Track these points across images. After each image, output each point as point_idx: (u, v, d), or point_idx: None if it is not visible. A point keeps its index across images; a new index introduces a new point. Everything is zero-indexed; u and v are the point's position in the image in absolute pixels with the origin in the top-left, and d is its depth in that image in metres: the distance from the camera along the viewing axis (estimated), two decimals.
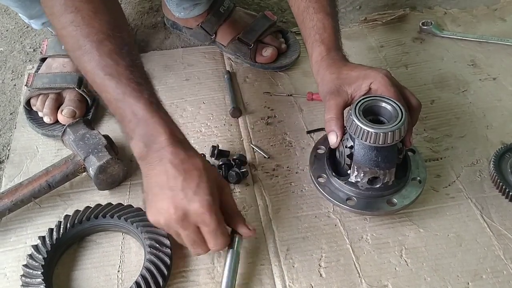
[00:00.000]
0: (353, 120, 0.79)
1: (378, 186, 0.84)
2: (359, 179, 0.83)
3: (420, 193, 0.87)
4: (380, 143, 0.78)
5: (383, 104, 0.81)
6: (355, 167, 0.81)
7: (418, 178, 0.88)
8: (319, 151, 0.94)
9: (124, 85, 0.73)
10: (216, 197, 0.73)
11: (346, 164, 0.85)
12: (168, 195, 0.71)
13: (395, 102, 0.80)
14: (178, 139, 0.74)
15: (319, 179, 0.89)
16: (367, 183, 0.83)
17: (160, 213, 0.72)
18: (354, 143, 0.81)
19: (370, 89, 0.84)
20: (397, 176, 0.85)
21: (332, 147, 0.86)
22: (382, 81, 0.83)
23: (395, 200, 0.86)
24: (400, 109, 0.79)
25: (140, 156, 0.75)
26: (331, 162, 0.90)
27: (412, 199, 0.86)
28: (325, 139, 0.91)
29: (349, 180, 0.84)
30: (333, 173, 0.87)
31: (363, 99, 0.81)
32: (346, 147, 0.83)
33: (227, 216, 0.77)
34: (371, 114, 0.82)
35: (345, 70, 0.86)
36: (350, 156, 0.82)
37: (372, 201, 0.86)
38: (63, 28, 0.77)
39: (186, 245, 0.76)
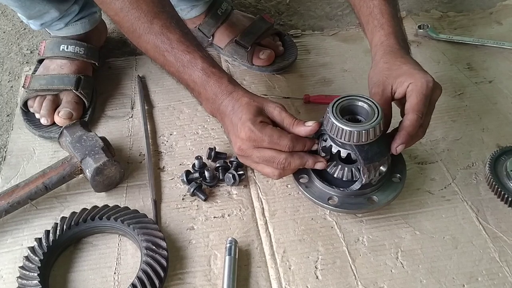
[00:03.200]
0: (330, 119, 0.78)
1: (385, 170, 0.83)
2: (373, 177, 0.81)
3: (401, 190, 0.87)
4: (354, 141, 0.77)
5: (360, 103, 0.81)
6: (366, 168, 0.79)
7: (398, 175, 0.88)
8: None
9: (180, 58, 0.84)
10: (259, 119, 0.80)
11: (356, 170, 0.84)
12: (232, 135, 0.83)
13: (371, 101, 0.80)
14: (229, 92, 0.83)
15: (300, 180, 0.88)
16: (378, 176, 0.83)
17: (237, 152, 0.84)
18: (356, 149, 0.79)
19: (406, 92, 0.82)
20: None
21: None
22: (419, 86, 0.80)
23: (375, 198, 0.85)
24: (377, 107, 0.79)
25: (212, 114, 0.88)
26: None
27: (392, 196, 0.86)
28: None
29: (362, 184, 0.82)
30: (318, 177, 0.86)
31: (340, 98, 0.81)
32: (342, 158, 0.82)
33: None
34: (348, 113, 0.82)
35: (398, 62, 0.85)
36: (353, 161, 0.82)
37: (353, 200, 0.85)
38: (115, 14, 0.86)
39: (269, 173, 0.83)
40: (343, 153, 0.80)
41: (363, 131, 0.77)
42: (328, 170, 0.86)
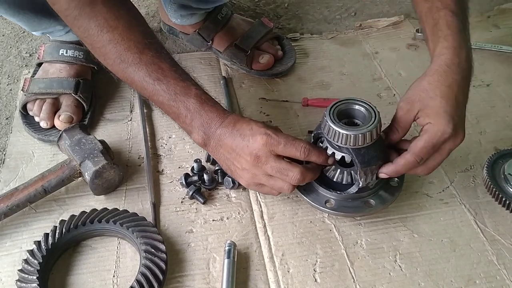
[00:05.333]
0: (327, 123, 0.79)
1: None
2: (369, 180, 0.82)
3: (399, 194, 0.87)
4: (351, 144, 0.78)
5: (357, 107, 0.82)
6: (362, 172, 0.80)
7: (396, 179, 0.88)
8: None
9: (173, 86, 0.81)
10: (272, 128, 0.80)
11: (350, 174, 0.84)
12: (237, 155, 0.80)
13: (368, 104, 0.81)
14: (226, 116, 0.82)
15: None
16: (375, 179, 0.83)
17: (243, 172, 0.81)
18: (352, 153, 0.79)
19: (423, 126, 0.79)
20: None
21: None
22: (433, 133, 0.77)
23: (372, 201, 0.86)
24: (374, 111, 0.80)
25: (204, 143, 0.83)
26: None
27: (389, 200, 0.86)
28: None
29: (359, 187, 0.83)
30: (316, 180, 0.86)
31: (337, 102, 0.82)
32: (337, 160, 0.82)
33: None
34: (346, 117, 0.82)
35: (438, 91, 0.78)
36: (350, 164, 0.82)
37: (350, 203, 0.86)
38: (102, 46, 0.82)
39: (280, 187, 0.81)
40: (338, 155, 0.81)
41: (360, 135, 0.77)
42: (326, 173, 0.86)
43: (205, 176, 0.94)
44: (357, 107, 0.82)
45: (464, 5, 0.88)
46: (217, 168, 0.97)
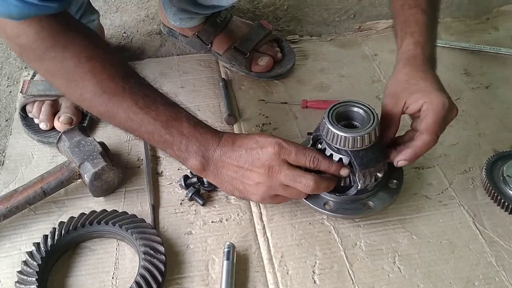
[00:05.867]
0: (325, 125, 0.79)
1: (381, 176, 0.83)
2: (368, 182, 0.82)
3: (397, 196, 0.88)
4: (350, 146, 0.78)
5: (355, 109, 0.82)
6: (361, 174, 0.80)
7: (395, 181, 0.88)
8: None
9: (163, 112, 0.78)
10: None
11: (348, 176, 0.83)
12: (246, 171, 0.78)
13: (367, 106, 0.81)
14: (221, 135, 0.80)
15: None
16: (374, 181, 0.83)
17: (257, 188, 0.78)
18: (351, 155, 0.79)
19: (419, 111, 0.80)
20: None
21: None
22: (434, 106, 0.78)
23: (371, 203, 0.86)
24: (372, 113, 0.80)
25: (203, 168, 0.80)
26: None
27: (388, 202, 0.86)
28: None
29: (358, 189, 0.82)
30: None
31: (336, 104, 0.82)
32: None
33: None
34: (345, 119, 0.83)
35: (418, 77, 0.82)
36: (349, 165, 0.82)
37: (349, 205, 0.86)
38: (80, 79, 0.76)
39: (297, 194, 0.80)
40: (336, 158, 0.81)
41: (358, 137, 0.77)
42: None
43: (204, 178, 0.94)
44: (355, 109, 0.82)
45: (436, 5, 0.92)
46: None
